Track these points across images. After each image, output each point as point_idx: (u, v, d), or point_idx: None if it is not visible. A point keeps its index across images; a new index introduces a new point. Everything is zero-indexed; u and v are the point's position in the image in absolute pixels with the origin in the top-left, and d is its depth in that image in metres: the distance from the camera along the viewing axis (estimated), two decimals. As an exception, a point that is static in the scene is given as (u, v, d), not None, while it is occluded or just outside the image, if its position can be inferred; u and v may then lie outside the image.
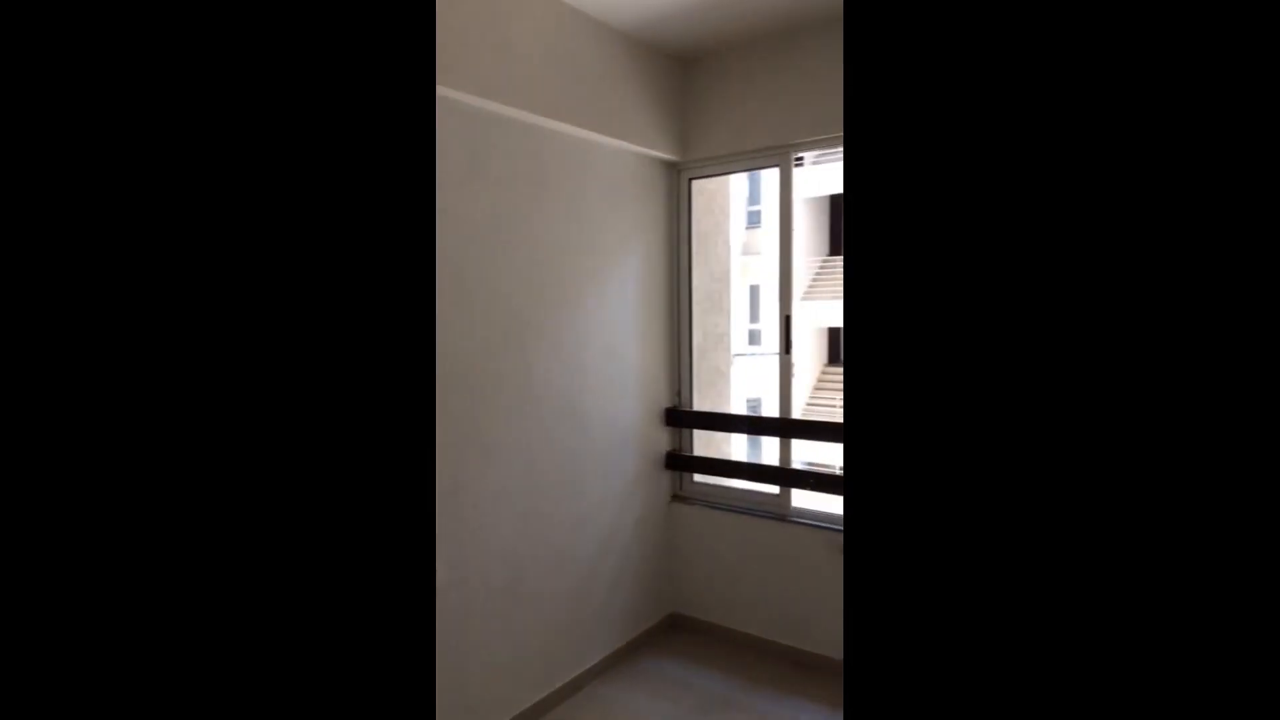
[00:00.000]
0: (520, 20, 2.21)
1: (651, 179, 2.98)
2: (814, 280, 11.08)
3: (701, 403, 3.26)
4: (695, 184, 3.13)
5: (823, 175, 10.03)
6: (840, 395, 10.78)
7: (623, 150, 2.78)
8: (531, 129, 2.37)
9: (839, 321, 10.85)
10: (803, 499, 2.91)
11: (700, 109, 2.93)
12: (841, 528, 2.72)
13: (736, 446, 3.96)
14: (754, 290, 11.14)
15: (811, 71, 2.63)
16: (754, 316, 11.22)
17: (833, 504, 2.96)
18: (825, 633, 2.74)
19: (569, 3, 2.38)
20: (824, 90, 2.61)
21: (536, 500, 2.47)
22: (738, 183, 9.16)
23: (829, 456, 9.22)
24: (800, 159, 2.85)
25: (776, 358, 2.94)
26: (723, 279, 3.57)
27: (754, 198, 10.92)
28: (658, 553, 3.09)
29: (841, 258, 11.17)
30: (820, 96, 2.62)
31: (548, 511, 2.52)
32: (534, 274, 2.42)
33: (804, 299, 10.69)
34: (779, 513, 2.90)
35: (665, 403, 3.13)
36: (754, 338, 11.09)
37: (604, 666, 2.76)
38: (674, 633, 3.10)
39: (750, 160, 2.94)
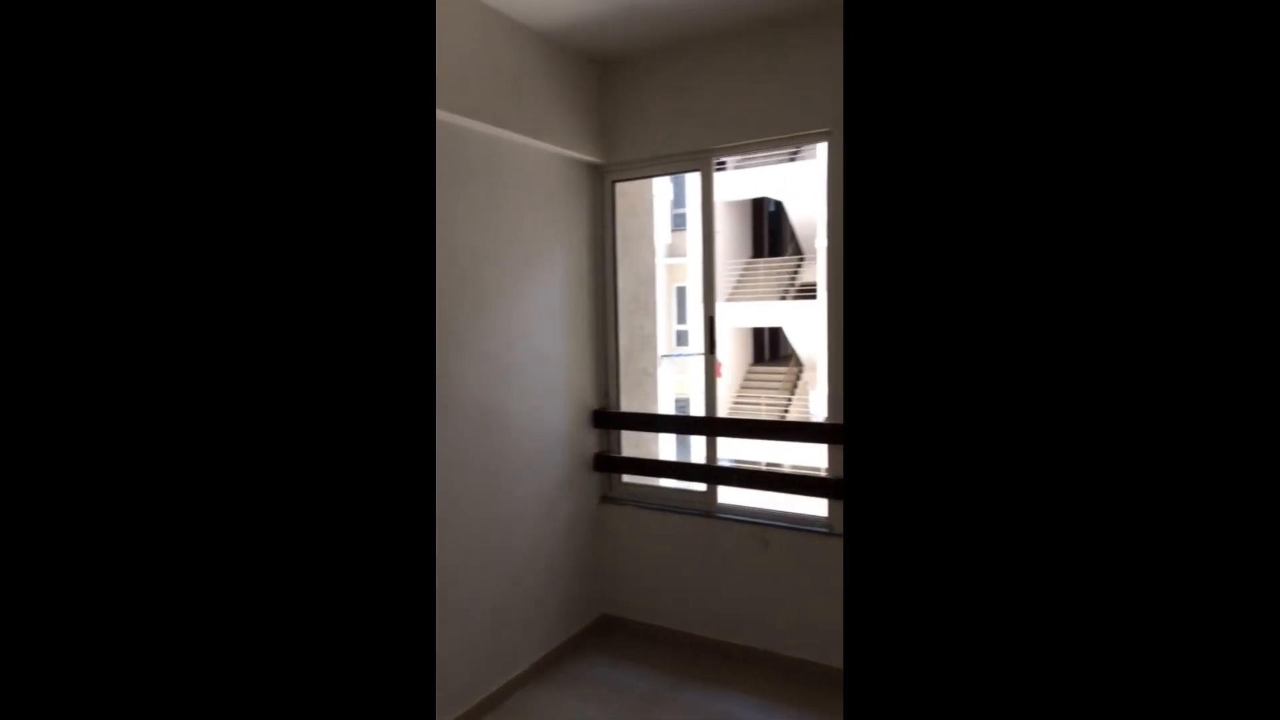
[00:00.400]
0: (437, 17, 2.16)
1: (574, 181, 2.98)
2: (739, 282, 11.34)
3: (629, 404, 3.28)
4: (619, 186, 3.14)
5: (746, 180, 10.29)
6: (764, 393, 11.10)
7: (543, 151, 2.76)
8: (448, 128, 2.32)
9: (763, 322, 11.15)
10: (728, 495, 2.98)
11: (622, 112, 2.95)
12: (765, 521, 2.80)
13: (666, 446, 4.00)
14: (681, 292, 11.30)
15: (730, 78, 2.70)
16: (681, 318, 11.38)
17: (757, 499, 3.05)
18: (752, 625, 2.81)
19: (486, 2, 2.34)
20: (743, 97, 2.67)
21: (461, 507, 2.41)
22: (662, 186, 9.28)
23: (755, 453, 9.47)
24: (722, 163, 2.92)
25: (703, 358, 3.00)
26: (648, 281, 3.60)
27: (679, 200, 11.09)
28: (587, 555, 3.09)
29: (764, 260, 11.51)
30: (739, 103, 2.68)
31: (473, 518, 2.47)
32: (453, 276, 2.37)
33: (729, 300, 10.92)
34: (706, 509, 2.96)
35: (593, 405, 3.13)
36: (682, 339, 11.25)
37: (533, 673, 2.73)
38: (605, 634, 3.10)
39: (672, 164, 2.98)
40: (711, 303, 2.95)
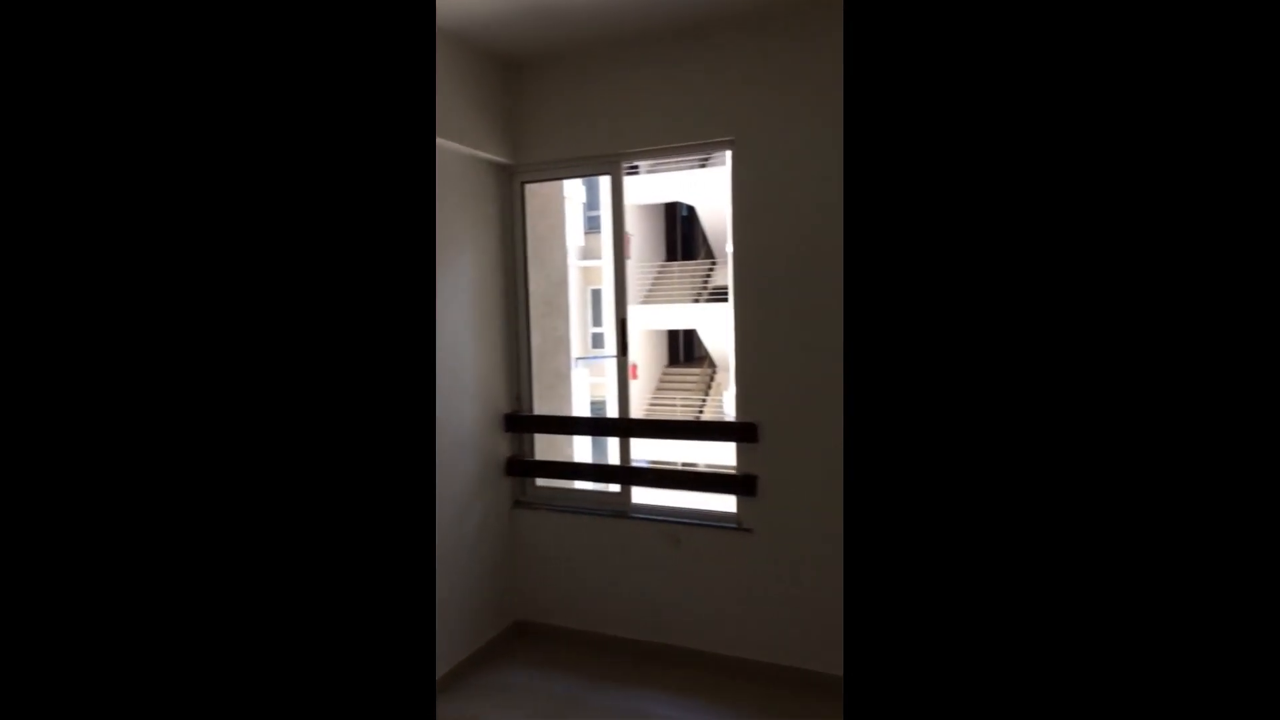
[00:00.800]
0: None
1: (482, 180, 2.93)
2: (653, 284, 11.47)
3: (543, 406, 3.25)
4: (529, 188, 3.12)
5: (659, 184, 10.43)
6: (680, 394, 11.29)
7: (449, 150, 2.70)
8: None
9: (677, 324, 11.34)
10: (641, 495, 3.01)
11: (531, 113, 2.93)
12: (677, 520, 2.85)
13: (582, 449, 4.00)
14: (596, 294, 11.31)
15: (640, 83, 2.73)
16: (597, 320, 11.39)
17: (670, 498, 3.10)
18: (668, 623, 2.85)
19: (389, -7, 2.27)
20: (653, 102, 2.72)
21: (365, 517, 2.32)
22: (575, 188, 9.25)
23: (672, 453, 9.61)
24: (635, 168, 2.96)
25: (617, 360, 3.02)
26: (561, 282, 3.59)
27: (593, 203, 11.09)
28: (500, 561, 3.04)
29: (677, 263, 11.71)
30: (650, 108, 2.72)
31: (378, 528, 2.37)
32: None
33: (644, 302, 11.03)
34: (620, 510, 2.98)
35: (504, 408, 3.08)
36: (598, 341, 11.26)
37: (445, 683, 2.66)
38: (519, 640, 3.06)
39: (582, 166, 2.99)
40: (623, 305, 2.97)
